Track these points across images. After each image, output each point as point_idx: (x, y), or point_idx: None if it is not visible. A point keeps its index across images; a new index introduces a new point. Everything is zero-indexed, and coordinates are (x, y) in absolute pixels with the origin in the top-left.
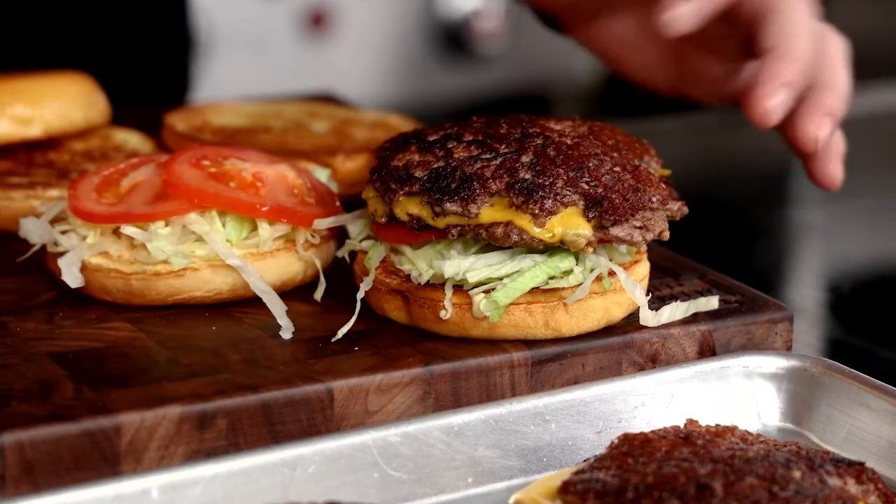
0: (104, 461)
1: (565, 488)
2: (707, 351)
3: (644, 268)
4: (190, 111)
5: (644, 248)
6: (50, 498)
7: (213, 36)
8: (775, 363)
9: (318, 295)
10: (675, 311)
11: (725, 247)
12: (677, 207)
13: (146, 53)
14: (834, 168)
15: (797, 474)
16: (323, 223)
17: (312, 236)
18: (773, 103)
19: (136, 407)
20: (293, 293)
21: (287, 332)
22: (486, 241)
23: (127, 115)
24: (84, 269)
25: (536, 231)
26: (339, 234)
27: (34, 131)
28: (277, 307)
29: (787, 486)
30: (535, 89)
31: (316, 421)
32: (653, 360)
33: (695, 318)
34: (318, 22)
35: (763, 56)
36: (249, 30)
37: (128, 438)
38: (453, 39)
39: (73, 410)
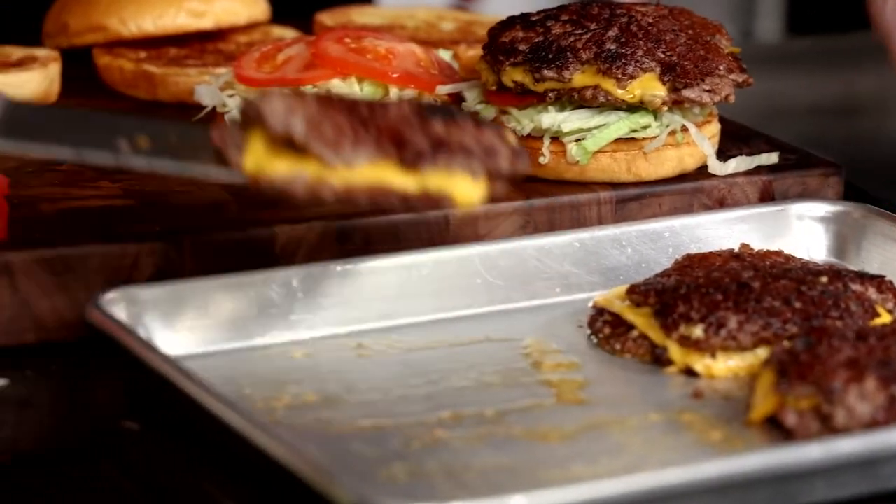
0: (263, 262)
1: (632, 289)
2: (767, 198)
3: (714, 127)
4: (336, 11)
5: (715, 110)
6: (217, 280)
7: None
8: (824, 208)
9: None
10: (740, 163)
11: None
12: (742, 78)
13: None
14: None
15: (824, 279)
16: (444, 89)
17: (436, 101)
18: None
19: (287, 221)
20: None
21: None
22: (578, 102)
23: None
24: None
25: (619, 93)
26: (458, 103)
27: (206, 23)
28: None
29: (814, 286)
30: None
31: (434, 241)
32: (720, 204)
33: (758, 170)
34: None
35: None
36: None
37: (280, 244)
38: None
39: (238, 223)
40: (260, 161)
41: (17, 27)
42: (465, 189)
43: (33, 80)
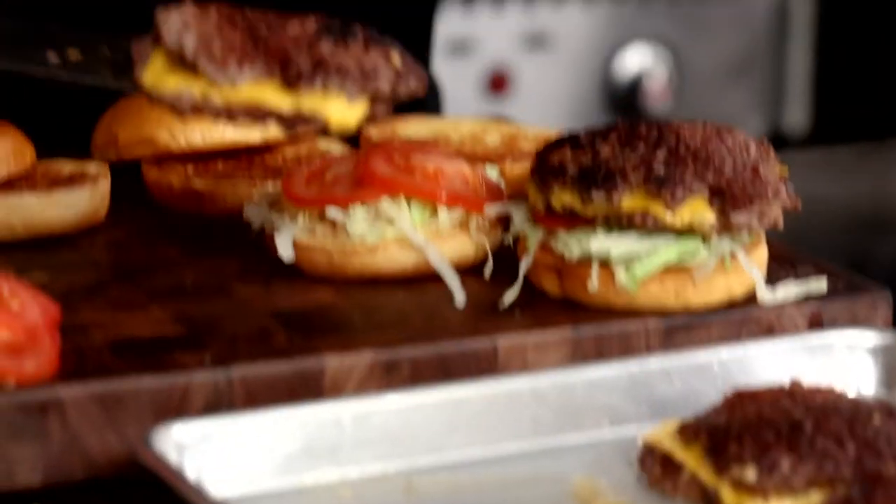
0: (311, 395)
1: (683, 429)
2: (816, 325)
3: (762, 251)
4: (382, 125)
5: (762, 234)
6: (266, 414)
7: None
8: (874, 338)
9: (488, 271)
10: (789, 291)
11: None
12: (791, 201)
13: None
14: None
15: (877, 417)
16: (492, 210)
17: (483, 221)
18: None
19: (336, 351)
20: (465, 271)
21: (461, 303)
22: (627, 226)
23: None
24: (295, 245)
25: (669, 217)
26: (504, 226)
27: (255, 137)
28: (453, 280)
29: (867, 425)
30: None
31: (483, 371)
32: (768, 332)
33: (807, 298)
34: (498, 85)
35: None
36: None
37: (330, 377)
38: (623, 100)
39: (287, 353)
40: (156, 76)
41: (67, 138)
42: (339, 111)
43: (83, 198)
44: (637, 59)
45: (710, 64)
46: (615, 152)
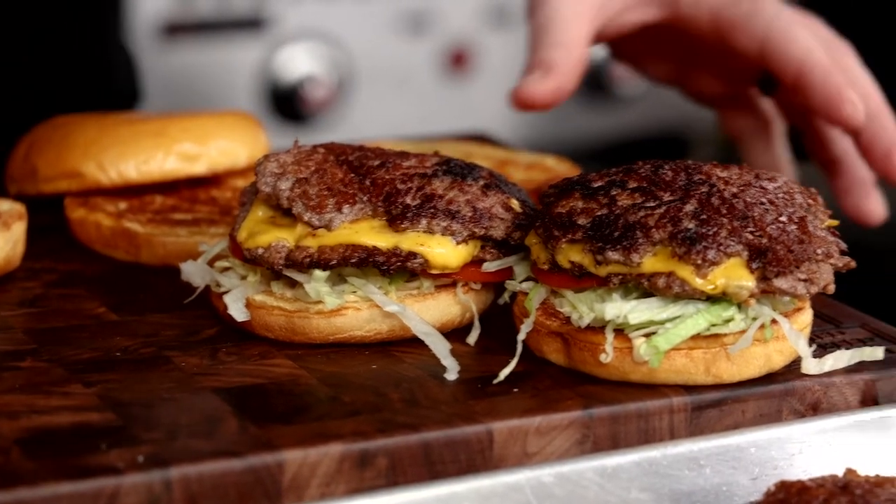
0: (267, 497)
1: None
2: (870, 400)
3: (807, 316)
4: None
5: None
6: None
7: (354, 74)
8: None
9: (472, 339)
10: (838, 359)
11: (876, 294)
12: (844, 262)
13: None
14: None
15: None
16: (491, 266)
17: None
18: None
19: (299, 444)
20: (449, 335)
21: (452, 373)
22: (648, 290)
23: None
24: (247, 305)
25: (699, 283)
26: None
27: (199, 168)
28: (441, 348)
29: None
30: (673, 130)
31: (475, 462)
32: (814, 409)
33: (858, 367)
34: (459, 61)
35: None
36: (391, 68)
37: (290, 475)
38: (593, 79)
39: (238, 446)
40: (252, 229)
41: None
42: (442, 252)
43: None
44: None
45: None
46: (635, 201)
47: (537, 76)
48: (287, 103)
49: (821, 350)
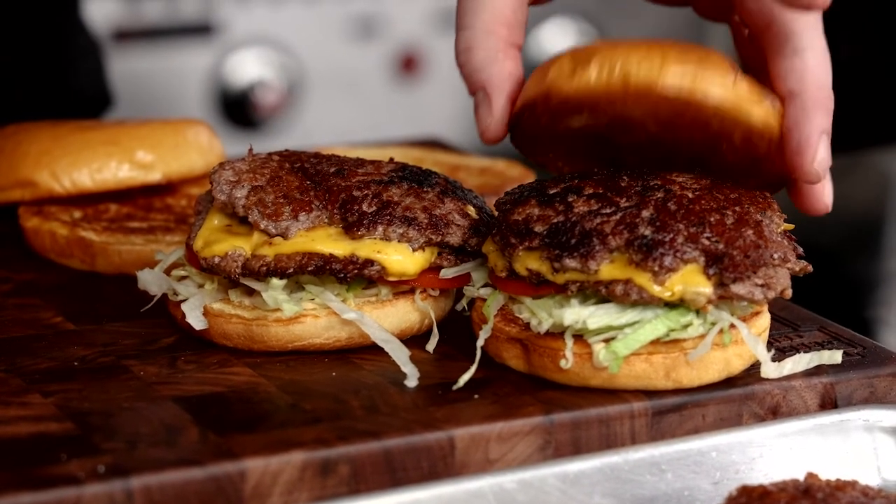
0: None
1: None
2: (829, 404)
3: (765, 320)
4: None
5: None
6: None
7: (304, 79)
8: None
9: (431, 346)
10: (797, 363)
11: (831, 296)
12: (800, 266)
13: None
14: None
15: None
16: (449, 272)
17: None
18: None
19: (260, 452)
20: (408, 342)
21: (413, 380)
22: (606, 297)
23: None
24: (205, 314)
25: (656, 290)
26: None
27: (154, 176)
28: (401, 355)
29: None
30: None
31: (437, 468)
32: (774, 412)
33: (816, 371)
34: (409, 66)
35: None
36: (341, 73)
37: (252, 483)
38: None
39: (200, 455)
40: (208, 238)
41: None
42: (399, 259)
43: None
44: (559, 35)
45: None
46: (592, 208)
47: (483, 107)
48: (237, 109)
49: (779, 353)
